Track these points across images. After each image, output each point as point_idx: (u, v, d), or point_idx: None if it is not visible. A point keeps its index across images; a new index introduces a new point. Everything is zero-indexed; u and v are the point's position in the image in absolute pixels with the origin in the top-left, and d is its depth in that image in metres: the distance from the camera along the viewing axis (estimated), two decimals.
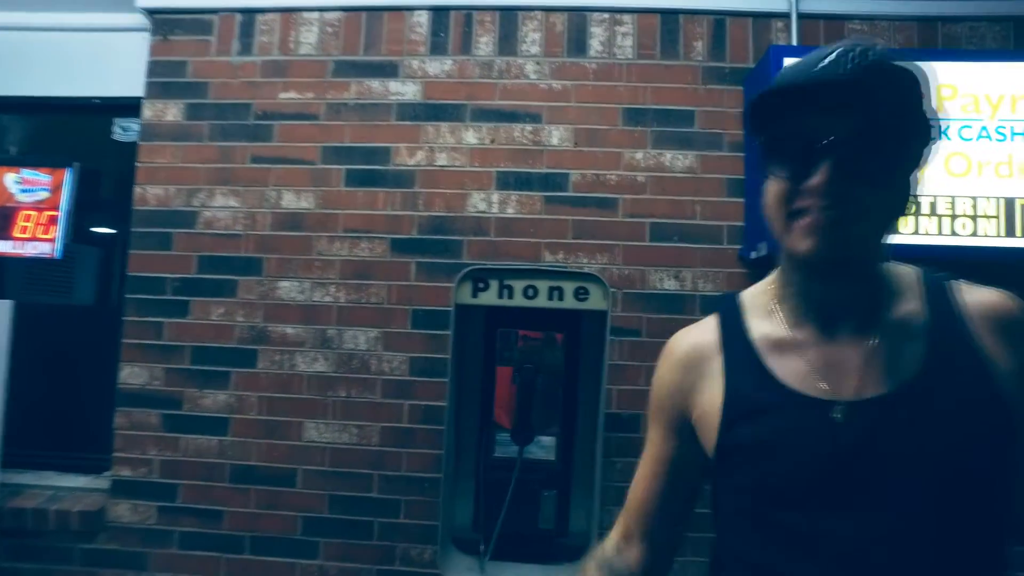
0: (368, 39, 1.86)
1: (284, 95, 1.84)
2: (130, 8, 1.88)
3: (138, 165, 1.86)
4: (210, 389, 1.79)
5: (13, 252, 1.75)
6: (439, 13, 1.86)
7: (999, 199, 1.53)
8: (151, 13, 1.89)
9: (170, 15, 1.90)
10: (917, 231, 1.54)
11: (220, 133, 1.85)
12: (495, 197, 1.80)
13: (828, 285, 0.63)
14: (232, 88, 1.86)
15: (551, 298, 1.31)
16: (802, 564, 0.58)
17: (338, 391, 1.77)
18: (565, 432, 1.38)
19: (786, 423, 0.60)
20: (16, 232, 1.75)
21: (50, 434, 1.97)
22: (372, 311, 1.77)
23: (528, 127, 1.82)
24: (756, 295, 0.72)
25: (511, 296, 1.31)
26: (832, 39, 1.78)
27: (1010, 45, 1.85)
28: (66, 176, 1.77)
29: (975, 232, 1.52)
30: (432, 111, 1.83)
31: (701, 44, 1.87)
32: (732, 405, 0.64)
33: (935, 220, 1.54)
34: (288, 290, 1.79)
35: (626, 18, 1.86)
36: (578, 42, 1.85)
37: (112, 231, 2.04)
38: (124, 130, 1.96)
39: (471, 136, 1.82)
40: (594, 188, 1.81)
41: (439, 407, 1.73)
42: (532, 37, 1.85)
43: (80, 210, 1.80)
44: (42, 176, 1.77)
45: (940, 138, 0.61)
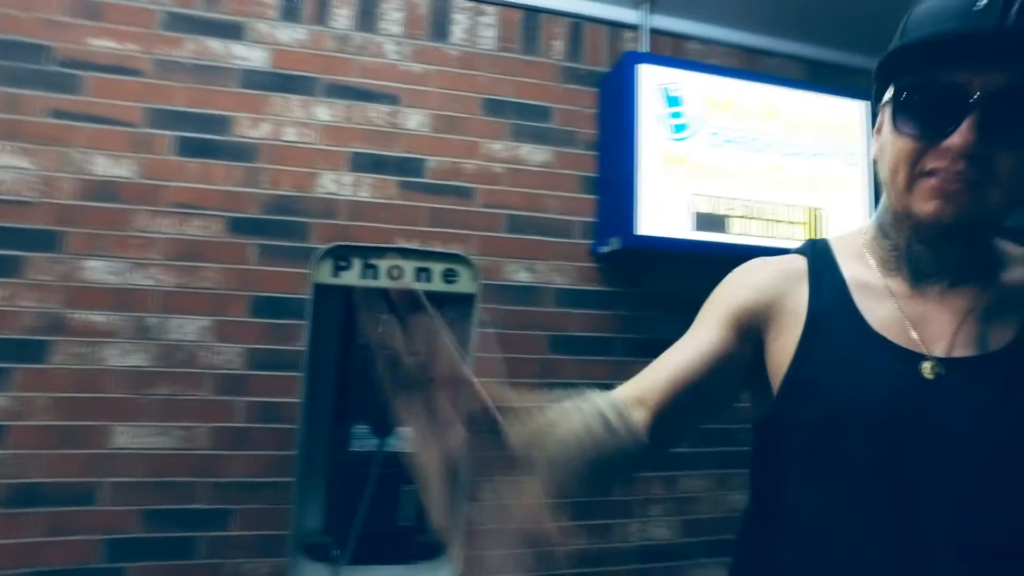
0: None
1: (97, 42, 1.75)
2: None
3: None
4: None
5: None
6: None
7: (807, 208, 2.01)
8: None
9: None
10: (746, 233, 1.95)
11: (4, 76, 1.70)
12: (347, 179, 1.89)
13: (937, 249, 0.65)
14: (23, 23, 1.72)
15: (418, 279, 1.44)
16: (860, 506, 0.62)
17: (158, 388, 1.72)
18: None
19: (869, 364, 0.64)
20: None
21: None
22: (203, 297, 1.76)
23: (385, 108, 1.95)
24: (846, 240, 0.76)
25: (375, 276, 1.42)
26: (676, 53, 2.17)
27: (804, 76, 2.40)
28: None
29: (788, 237, 1.98)
30: (281, 81, 1.87)
31: (560, 44, 2.15)
32: (812, 335, 0.68)
33: (765, 224, 1.97)
34: (97, 271, 1.71)
35: (489, 9, 2.07)
36: (440, 27, 2.02)
37: None
38: None
39: (324, 112, 1.89)
40: (451, 176, 1.99)
41: (280, 403, 1.78)
42: (393, 16, 1.98)
43: None
44: None
45: None
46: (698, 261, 2.03)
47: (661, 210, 1.89)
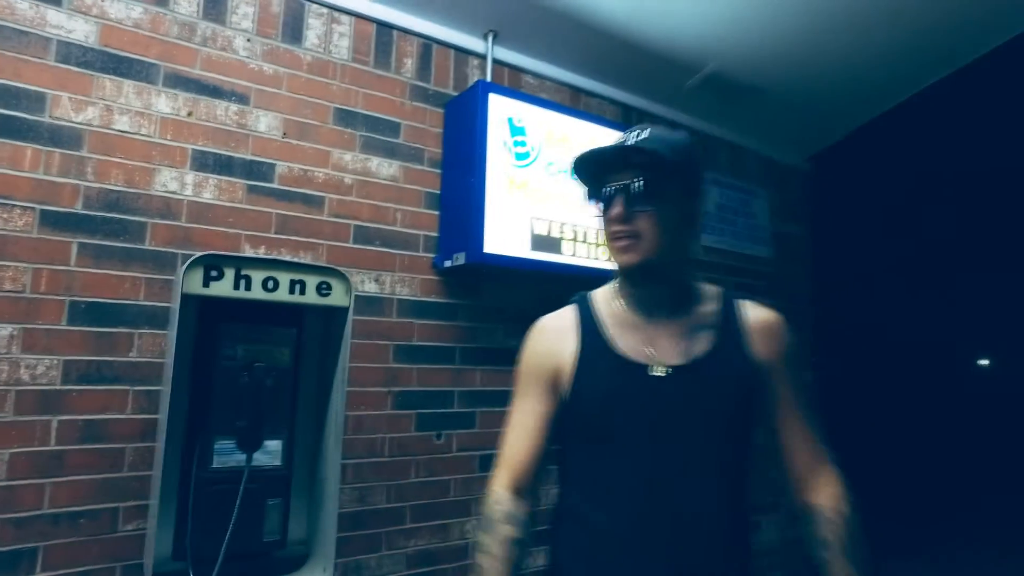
0: None
1: None
2: None
3: None
4: None
5: None
6: None
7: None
8: None
9: None
10: (575, 254, 2.43)
11: None
12: (189, 178, 1.94)
13: (642, 288, 1.16)
14: None
15: (292, 291, 1.58)
16: (625, 478, 1.08)
17: None
18: (290, 435, 1.65)
19: (617, 380, 1.11)
20: None
21: None
22: (3, 302, 1.67)
23: (233, 107, 2.04)
24: (601, 293, 1.24)
25: (249, 287, 1.52)
26: (513, 84, 2.61)
27: (619, 119, 3.04)
28: None
29: (610, 259, 2.52)
30: (112, 62, 1.85)
31: (410, 62, 2.44)
32: (583, 360, 1.15)
33: (590, 247, 2.47)
34: None
35: (344, 19, 2.28)
36: (294, 29, 2.17)
37: None
38: None
39: (163, 103, 1.92)
40: (301, 183, 2.15)
41: (105, 420, 1.77)
42: (244, 11, 2.07)
43: None
44: None
45: (705, 190, 1.25)
46: (533, 278, 2.50)
47: (504, 230, 2.29)
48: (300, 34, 2.18)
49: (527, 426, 1.18)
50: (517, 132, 2.37)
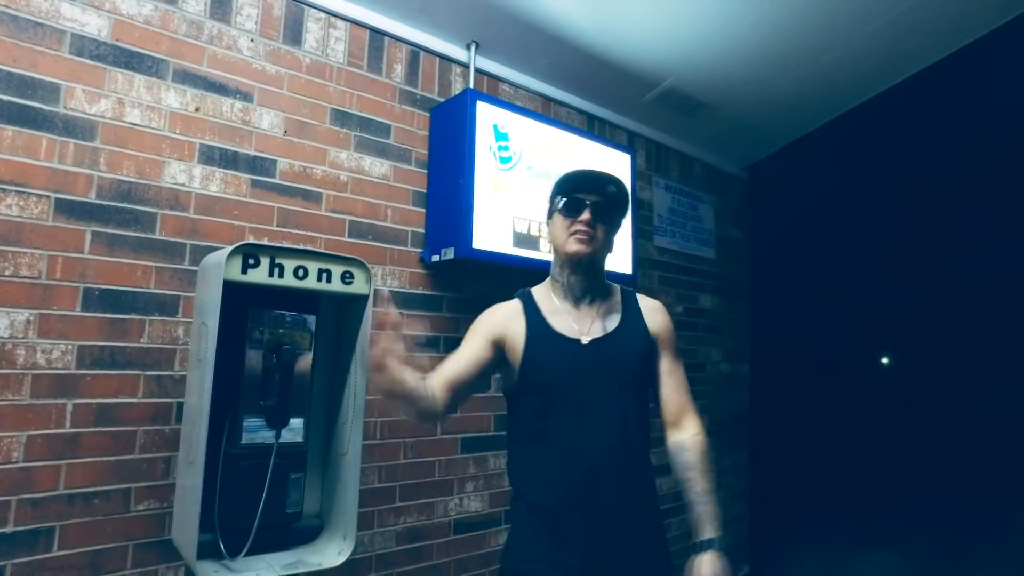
0: None
1: None
2: None
3: None
4: None
5: None
6: None
7: None
8: None
9: None
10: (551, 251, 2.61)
11: None
12: (197, 171, 2.00)
13: (579, 276, 1.56)
14: None
15: (320, 279, 1.67)
16: (561, 419, 1.46)
17: None
18: (319, 415, 1.75)
19: (557, 349, 1.50)
20: None
21: None
22: (20, 287, 1.70)
23: (238, 104, 2.10)
24: (538, 289, 1.65)
25: (282, 275, 1.60)
26: (491, 91, 2.77)
27: (585, 127, 3.25)
28: None
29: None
30: (124, 57, 1.89)
31: (400, 68, 2.56)
32: (530, 339, 1.52)
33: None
34: None
35: (340, 24, 2.38)
36: (294, 32, 2.26)
37: None
38: None
39: (173, 99, 1.97)
40: (300, 179, 2.24)
41: (117, 404, 1.81)
42: (248, 12, 2.14)
43: None
44: None
45: (628, 211, 1.65)
46: (511, 272, 2.66)
47: (489, 228, 2.45)
48: (300, 37, 2.27)
49: (465, 355, 1.52)
50: (501, 138, 2.53)
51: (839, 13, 2.89)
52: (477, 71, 2.76)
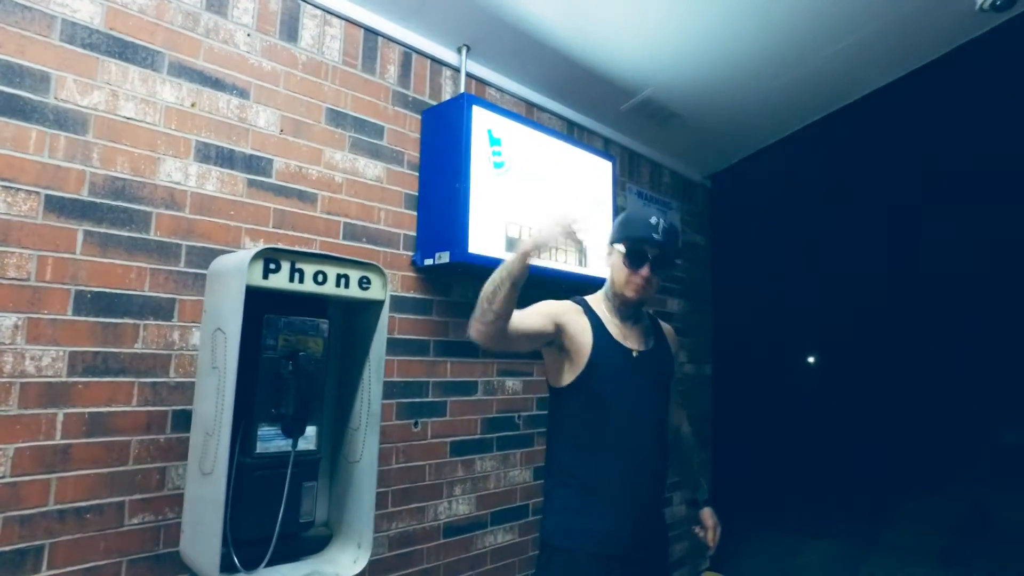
0: None
1: None
2: None
3: None
4: None
5: None
6: None
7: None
8: None
9: None
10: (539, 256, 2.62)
11: None
12: (193, 169, 1.91)
13: (631, 307, 1.81)
14: None
15: (338, 285, 1.61)
16: (616, 421, 1.70)
17: None
18: (326, 422, 1.69)
19: (618, 356, 1.75)
20: None
21: None
22: (8, 290, 1.57)
23: (235, 100, 2.02)
24: (594, 299, 1.86)
25: (302, 280, 1.54)
26: (479, 95, 2.75)
27: (564, 131, 3.29)
28: None
29: (567, 262, 2.74)
30: (117, 47, 1.78)
31: (393, 69, 2.51)
32: (597, 344, 1.73)
33: (552, 251, 2.67)
34: None
35: (336, 22, 2.31)
36: (290, 28, 2.18)
37: None
38: None
39: (168, 92, 1.87)
40: (296, 180, 2.16)
41: (111, 413, 1.70)
42: (245, 5, 2.05)
43: None
44: None
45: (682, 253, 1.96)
46: None
47: (483, 233, 2.43)
48: (296, 33, 2.20)
49: (531, 317, 1.66)
50: (495, 143, 2.52)
51: (804, 36, 3.03)
52: (467, 75, 2.74)
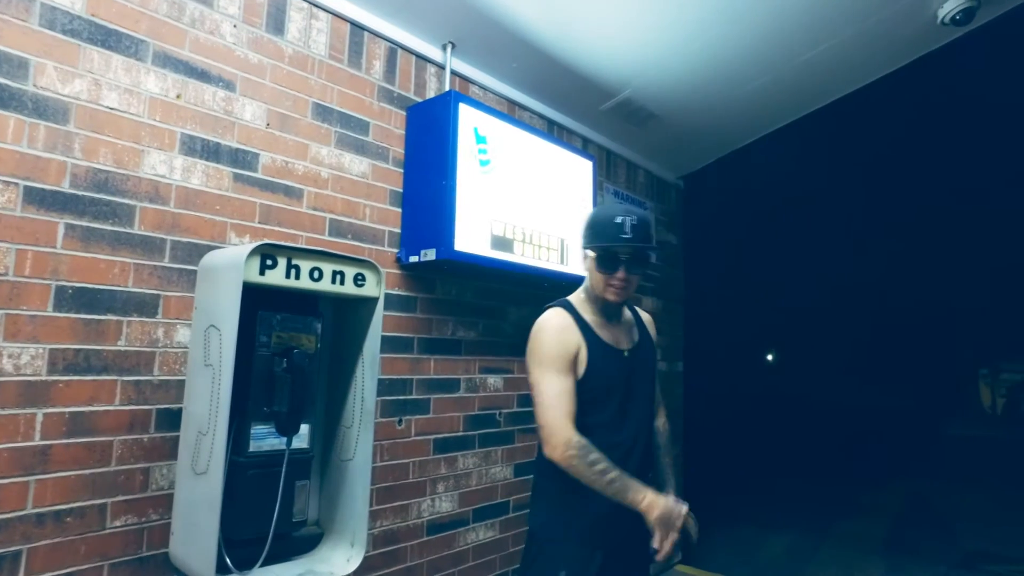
0: None
1: None
2: None
3: None
4: None
5: None
6: None
7: (559, 238, 2.82)
8: None
9: None
10: (524, 254, 2.62)
11: None
12: (178, 162, 1.85)
13: (614, 308, 1.79)
14: None
15: (334, 281, 1.57)
16: (614, 416, 1.71)
17: None
18: (317, 420, 1.65)
19: (610, 359, 1.73)
20: None
21: None
22: None
23: (221, 93, 1.96)
24: (576, 301, 1.80)
25: (298, 277, 1.50)
26: (462, 90, 2.74)
27: (545, 130, 3.29)
28: None
29: (548, 260, 2.75)
30: (100, 34, 1.71)
31: (379, 64, 2.48)
32: (592, 352, 1.70)
33: (535, 249, 2.68)
34: None
35: (322, 15, 2.27)
36: (277, 20, 2.13)
37: None
38: None
39: (153, 83, 1.80)
40: (283, 175, 2.12)
41: (92, 412, 1.64)
42: None
43: None
44: None
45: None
46: (483, 274, 2.66)
47: (470, 230, 2.42)
48: (283, 26, 2.15)
49: (568, 391, 1.63)
50: (480, 140, 2.51)
51: (775, 44, 3.11)
52: (451, 72, 2.72)
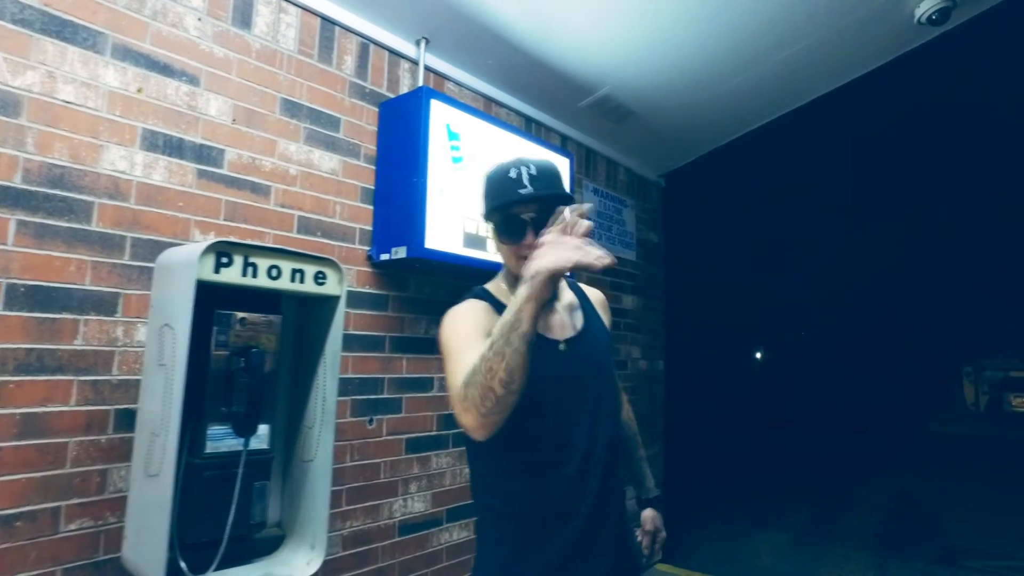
0: None
1: None
2: None
3: None
4: None
5: None
6: None
7: None
8: None
9: None
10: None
11: None
12: (139, 158, 1.81)
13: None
14: None
15: (293, 280, 1.54)
16: (551, 433, 1.27)
17: None
18: (280, 421, 1.62)
19: (536, 357, 1.16)
20: None
21: None
22: None
23: (184, 87, 1.92)
24: (495, 288, 1.42)
25: (255, 275, 1.46)
26: (437, 86, 2.71)
27: (523, 128, 3.27)
28: None
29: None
30: (54, 25, 1.66)
31: (350, 60, 2.44)
32: None
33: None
34: None
35: (292, 9, 2.23)
36: (244, 14, 2.09)
37: None
38: None
39: (112, 76, 1.76)
40: (249, 171, 2.08)
41: (46, 413, 1.60)
42: None
43: None
44: None
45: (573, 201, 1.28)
46: (456, 272, 2.64)
47: (441, 228, 2.40)
48: (250, 19, 2.11)
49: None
50: (453, 137, 2.49)
51: (751, 42, 3.10)
52: (425, 68, 2.69)
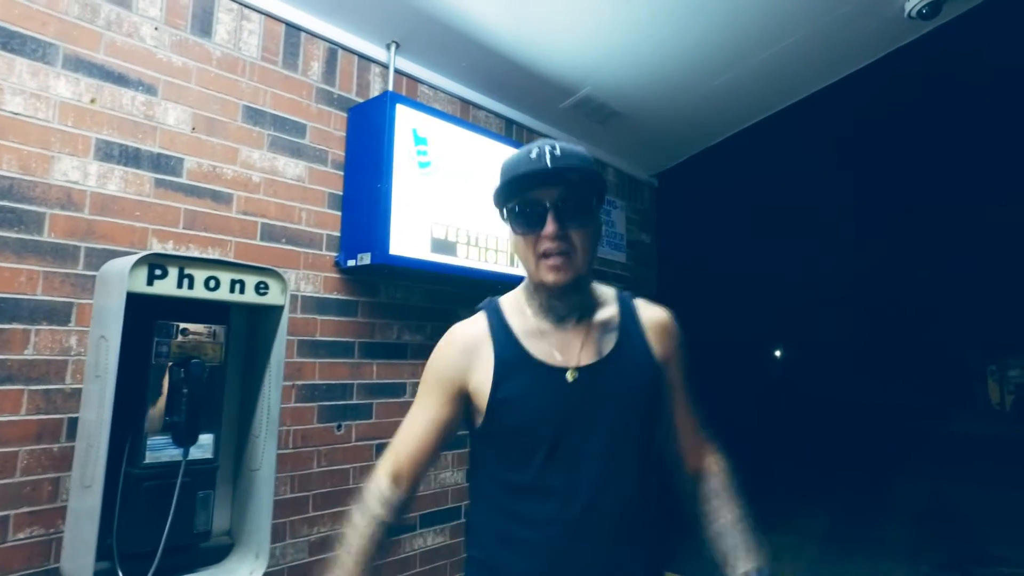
0: None
1: None
2: None
3: None
4: None
5: None
6: None
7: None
8: None
9: None
10: (468, 257, 2.59)
11: None
12: (93, 168, 1.83)
13: (563, 300, 1.13)
14: None
15: (232, 291, 1.56)
16: (537, 476, 1.06)
17: None
18: (230, 430, 1.64)
19: (535, 384, 1.09)
20: None
21: None
22: None
23: (141, 97, 1.94)
24: (510, 299, 1.21)
25: (192, 286, 1.48)
26: (410, 93, 2.71)
27: (503, 132, 3.26)
28: None
29: (496, 262, 2.71)
30: (2, 37, 1.69)
31: (317, 65, 2.45)
32: (500, 371, 1.10)
33: (481, 251, 2.64)
34: None
35: (254, 16, 2.24)
36: (204, 22, 2.10)
37: None
38: None
39: (64, 87, 1.78)
40: (210, 179, 2.09)
41: None
42: None
43: None
44: None
45: (606, 192, 1.12)
46: (429, 278, 2.63)
47: (407, 234, 2.39)
48: (210, 28, 2.12)
49: (423, 424, 1.17)
50: (420, 142, 2.48)
51: (735, 40, 3.05)
52: (396, 72, 2.69)
